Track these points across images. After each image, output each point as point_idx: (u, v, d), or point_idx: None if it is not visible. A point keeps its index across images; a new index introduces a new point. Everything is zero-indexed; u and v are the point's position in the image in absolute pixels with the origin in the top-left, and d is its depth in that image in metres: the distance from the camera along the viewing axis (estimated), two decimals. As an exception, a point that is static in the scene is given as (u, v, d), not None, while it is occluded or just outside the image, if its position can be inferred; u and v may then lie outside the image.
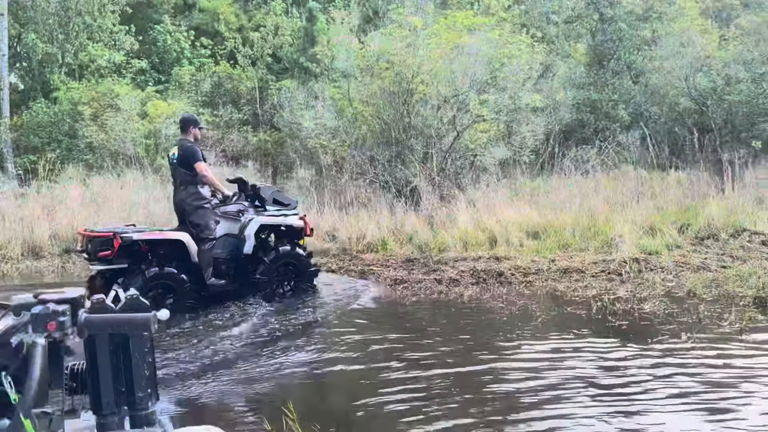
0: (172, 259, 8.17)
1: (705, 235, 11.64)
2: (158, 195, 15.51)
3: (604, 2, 21.75)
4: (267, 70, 22.26)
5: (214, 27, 23.96)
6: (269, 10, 23.61)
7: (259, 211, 8.89)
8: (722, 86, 20.08)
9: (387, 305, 8.81)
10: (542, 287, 9.32)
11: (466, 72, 15.89)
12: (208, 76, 21.48)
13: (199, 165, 8.26)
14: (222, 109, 20.44)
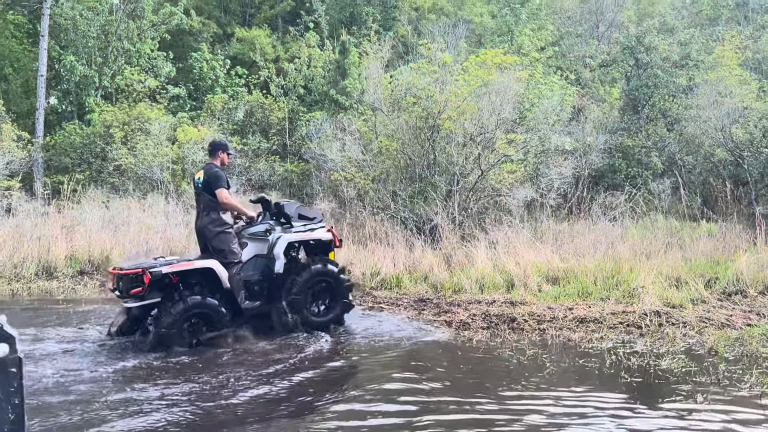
0: (203, 287, 8.15)
1: (733, 291, 11.14)
2: (178, 221, 15.49)
3: (640, 48, 21.45)
4: (299, 101, 22.33)
5: (251, 57, 24.17)
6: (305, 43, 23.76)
7: (285, 228, 8.79)
8: (759, 138, 19.59)
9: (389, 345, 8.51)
10: (556, 336, 8.93)
11: (493, 110, 15.67)
12: (241, 105, 21.58)
13: (221, 192, 8.23)
14: (251, 138, 20.46)
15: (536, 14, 27.20)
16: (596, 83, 24.75)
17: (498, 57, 17.17)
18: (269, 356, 7.87)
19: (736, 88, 22.00)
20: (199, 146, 18.69)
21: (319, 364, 7.64)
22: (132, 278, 7.85)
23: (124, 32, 22.71)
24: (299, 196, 18.95)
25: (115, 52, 22.70)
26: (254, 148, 19.91)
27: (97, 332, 9.00)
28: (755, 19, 33.10)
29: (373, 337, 8.91)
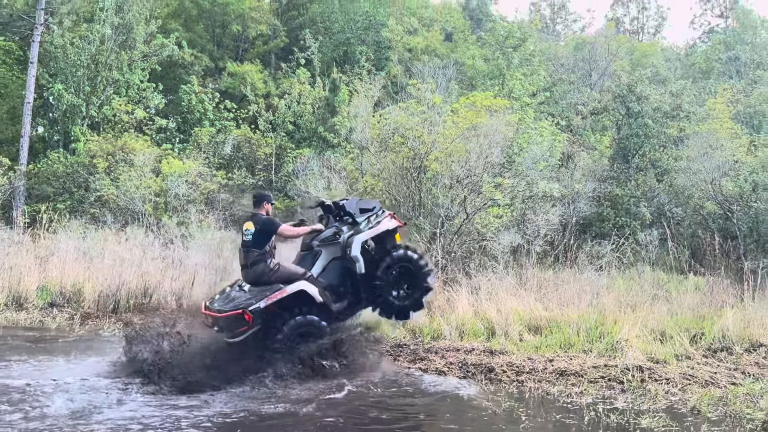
0: (299, 306, 8.51)
1: (718, 347, 10.81)
2: (155, 254, 15.14)
3: (632, 97, 21.43)
4: (287, 138, 22.15)
5: (241, 91, 24.05)
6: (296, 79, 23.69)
7: (351, 226, 9.02)
8: (749, 192, 19.44)
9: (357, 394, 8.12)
10: (534, 389, 8.58)
11: (481, 153, 15.48)
12: (229, 139, 21.38)
13: (282, 229, 8.67)
14: (237, 173, 20.21)
15: (529, 60, 27.25)
16: (587, 131, 24.68)
17: (488, 100, 17.08)
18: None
19: (727, 141, 21.94)
20: (183, 179, 18.43)
21: (286, 409, 7.28)
22: (235, 319, 8.22)
23: (115, 62, 22.58)
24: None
25: (104, 81, 22.54)
26: (239, 183, 19.64)
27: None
28: (747, 73, 33.35)
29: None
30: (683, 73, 30.94)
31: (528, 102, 21.23)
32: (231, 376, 8.27)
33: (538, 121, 20.97)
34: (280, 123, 22.14)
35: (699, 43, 42.43)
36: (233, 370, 8.32)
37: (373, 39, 27.56)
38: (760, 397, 8.12)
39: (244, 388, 8.12)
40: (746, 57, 34.34)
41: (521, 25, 28.67)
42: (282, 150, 21.13)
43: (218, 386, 8.04)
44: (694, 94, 26.39)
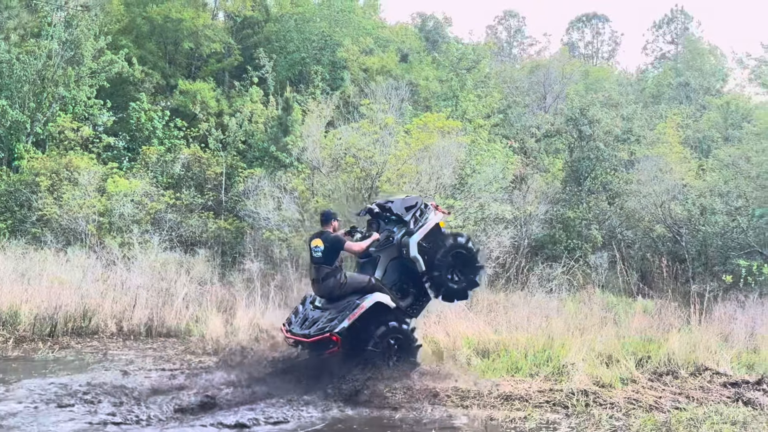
0: (378, 317, 9.11)
1: (664, 371, 10.74)
2: (96, 275, 14.70)
3: (584, 120, 21.65)
4: (239, 157, 21.83)
5: (192, 109, 23.68)
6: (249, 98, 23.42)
7: (401, 225, 9.59)
8: (697, 216, 19.73)
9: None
10: (478, 414, 8.38)
11: (433, 174, 15.40)
12: (178, 158, 21.00)
13: (348, 245, 9.25)
14: (185, 192, 19.82)
15: (484, 82, 27.42)
16: (541, 153, 24.87)
17: (440, 121, 17.05)
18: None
19: (676, 165, 22.32)
20: (129, 198, 18.01)
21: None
22: (324, 343, 8.80)
23: (61, 78, 22.04)
24: (231, 255, 18.30)
25: (50, 98, 21.97)
26: (187, 203, 19.25)
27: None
28: (696, 99, 34.08)
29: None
30: (635, 97, 31.47)
31: (481, 124, 21.29)
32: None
33: (491, 143, 21.04)
34: (231, 142, 21.83)
35: (651, 68, 43.29)
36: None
37: (328, 59, 27.48)
38: (702, 422, 8.03)
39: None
40: (696, 83, 35.11)
41: (476, 48, 28.86)
42: (233, 169, 20.82)
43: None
44: (645, 119, 26.83)
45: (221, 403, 8.28)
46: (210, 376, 9.48)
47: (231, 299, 14.14)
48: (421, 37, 32.61)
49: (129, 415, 7.69)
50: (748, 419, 8.39)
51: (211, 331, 11.96)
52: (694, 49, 38.02)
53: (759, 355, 12.05)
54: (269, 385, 8.98)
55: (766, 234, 19.08)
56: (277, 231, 16.18)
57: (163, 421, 7.61)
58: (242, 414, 7.96)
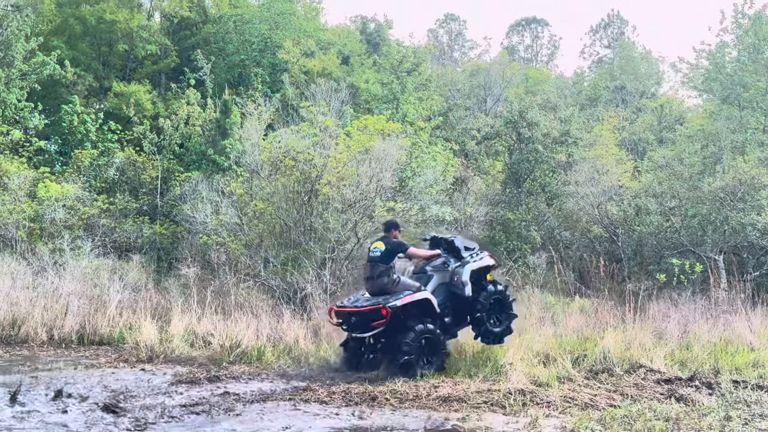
0: (421, 317, 9.98)
1: (600, 369, 10.91)
2: (26, 282, 14.21)
3: (523, 122, 21.90)
4: (175, 161, 21.40)
5: (126, 112, 23.12)
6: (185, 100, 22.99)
7: (457, 258, 10.58)
8: (633, 216, 20.13)
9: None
10: (417, 416, 8.32)
11: (373, 176, 15.34)
12: (112, 162, 20.48)
13: (411, 250, 10.44)
14: (119, 197, 19.34)
15: (425, 85, 27.52)
16: (481, 156, 25.07)
17: (380, 123, 17.00)
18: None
19: (612, 167, 22.74)
20: (60, 203, 17.49)
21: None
22: (372, 313, 9.66)
23: (-11, 80, 21.30)
24: (167, 260, 17.92)
25: (-23, 101, 21.22)
26: (121, 208, 18.79)
27: None
28: (632, 102, 34.86)
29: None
30: (572, 100, 32.03)
31: (422, 126, 21.34)
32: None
33: (432, 146, 21.11)
34: (167, 145, 21.40)
35: (588, 72, 44.16)
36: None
37: (268, 61, 27.21)
38: (636, 419, 8.12)
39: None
40: (631, 86, 35.93)
41: (417, 50, 28.95)
42: (169, 173, 20.40)
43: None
44: (583, 121, 27.31)
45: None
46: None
47: (166, 305, 13.83)
48: (362, 40, 32.56)
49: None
50: (681, 415, 8.52)
51: (145, 338, 11.65)
52: (627, 54, 38.92)
53: (691, 352, 12.31)
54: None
55: (698, 233, 19.58)
56: (215, 236, 15.89)
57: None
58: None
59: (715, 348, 12.69)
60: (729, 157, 20.83)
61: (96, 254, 16.38)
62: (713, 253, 18.76)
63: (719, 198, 19.20)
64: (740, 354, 12.44)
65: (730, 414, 8.62)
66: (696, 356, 12.07)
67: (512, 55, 48.89)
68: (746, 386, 10.36)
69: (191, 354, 11.50)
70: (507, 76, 34.43)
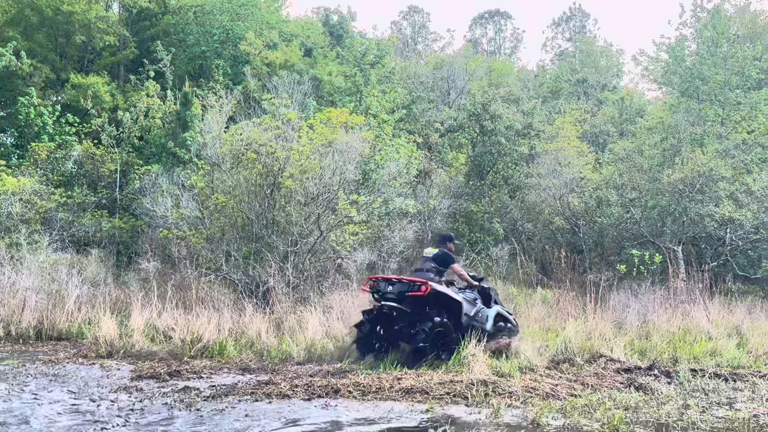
0: (444, 312, 10.69)
1: (561, 359, 11.04)
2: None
3: (485, 115, 21.96)
4: (135, 153, 21.05)
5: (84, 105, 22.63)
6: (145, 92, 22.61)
7: (485, 303, 11.53)
8: (594, 208, 20.33)
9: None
10: (379, 408, 8.30)
11: (336, 169, 15.26)
12: (69, 155, 20.07)
13: (456, 266, 11.23)
14: (77, 190, 18.97)
15: (388, 77, 27.45)
16: (444, 148, 25.10)
17: (344, 116, 16.91)
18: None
19: (574, 159, 22.93)
20: (17, 197, 17.11)
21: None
22: (411, 285, 10.48)
23: (-55, 73, 20.72)
24: (127, 254, 17.65)
25: (-67, 94, 20.61)
26: (79, 202, 18.43)
27: None
28: (594, 95, 35.19)
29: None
30: (535, 93, 32.23)
31: (385, 119, 21.28)
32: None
33: (395, 138, 21.08)
34: (126, 138, 21.02)
35: (550, 65, 44.46)
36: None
37: (230, 53, 26.88)
38: (596, 408, 8.20)
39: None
40: (593, 79, 36.26)
41: (380, 43, 28.84)
42: (128, 166, 20.08)
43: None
44: (545, 114, 27.49)
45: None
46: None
47: (126, 300, 13.63)
48: (325, 32, 32.32)
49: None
50: (640, 404, 8.65)
51: (104, 333, 11.46)
52: (588, 48, 39.26)
53: (650, 342, 12.52)
54: None
55: (658, 225, 19.87)
56: (176, 229, 15.66)
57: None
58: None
59: (674, 337, 12.92)
60: (688, 150, 21.12)
61: (54, 248, 16.07)
62: (672, 243, 19.05)
63: (678, 190, 19.48)
64: (698, 343, 12.67)
65: (688, 402, 8.77)
66: (655, 345, 12.27)
67: (476, 47, 49.05)
68: (704, 375, 10.57)
69: (152, 349, 11.32)
70: (470, 68, 34.44)
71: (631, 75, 69.15)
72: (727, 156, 20.32)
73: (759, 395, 9.33)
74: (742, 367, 11.45)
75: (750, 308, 16.09)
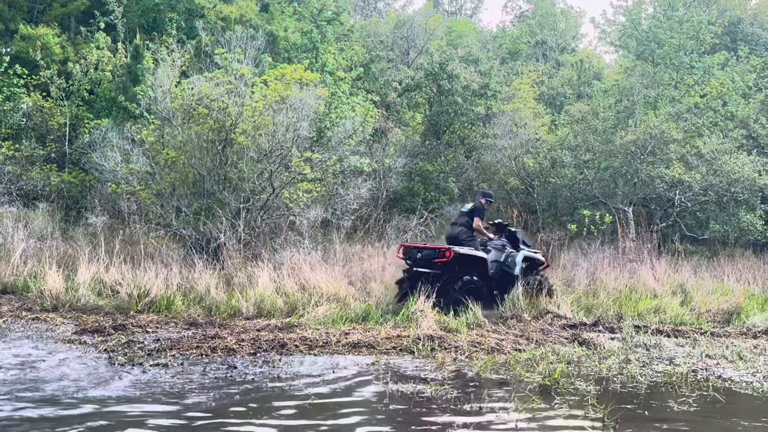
0: (472, 270, 11.53)
1: (509, 315, 11.22)
2: None
3: (443, 75, 21.85)
4: (85, 107, 20.51)
5: (34, 57, 21.92)
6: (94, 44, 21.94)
7: (513, 246, 12.40)
8: (548, 169, 20.48)
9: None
10: (324, 362, 8.35)
11: (290, 126, 15.06)
12: (17, 107, 19.49)
13: (477, 221, 12.07)
14: (26, 144, 18.48)
15: (347, 35, 27.08)
16: (402, 108, 24.98)
17: (298, 72, 16.65)
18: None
19: (530, 120, 23.02)
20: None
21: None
22: (440, 251, 11.46)
23: None
24: (76, 209, 17.31)
25: None
26: (27, 155, 17.97)
27: None
28: (552, 57, 35.25)
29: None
30: (494, 54, 32.13)
31: (342, 77, 21.02)
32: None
33: (352, 96, 20.87)
34: (76, 91, 20.45)
35: (510, 26, 44.34)
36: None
37: (184, 6, 26.17)
38: (539, 361, 8.35)
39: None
40: (552, 41, 36.29)
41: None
42: (78, 120, 19.56)
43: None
44: (503, 75, 27.47)
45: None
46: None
47: (73, 254, 13.37)
48: (283, -13, 31.66)
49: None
50: (582, 358, 8.84)
51: (50, 286, 11.26)
52: (547, 10, 39.17)
53: (597, 299, 12.76)
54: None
55: (610, 186, 20.11)
56: (125, 185, 15.36)
57: None
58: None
59: (620, 295, 13.17)
60: (641, 112, 21.32)
61: (0, 202, 15.67)
62: (623, 204, 19.32)
63: (630, 152, 19.69)
64: (643, 300, 12.95)
65: (629, 357, 8.98)
66: (601, 303, 12.51)
67: (437, 7, 48.50)
68: (647, 331, 10.82)
69: (98, 303, 11.16)
70: (430, 28, 34.13)
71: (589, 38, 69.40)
72: (679, 119, 20.55)
73: (699, 351, 9.59)
74: (684, 324, 11.74)
75: (695, 268, 16.46)
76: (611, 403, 6.58)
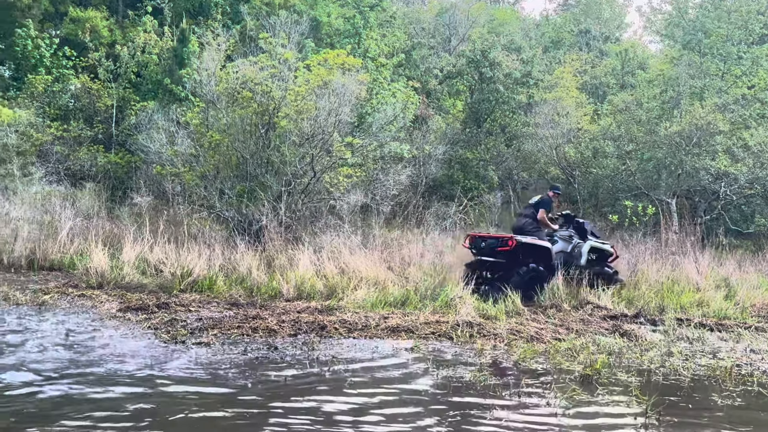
0: (535, 259, 11.73)
1: (548, 305, 11.16)
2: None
3: (485, 62, 21.72)
4: (132, 89, 20.85)
5: (82, 38, 22.32)
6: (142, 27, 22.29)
7: (580, 237, 12.56)
8: (590, 159, 20.27)
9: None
10: (363, 345, 8.42)
11: (332, 111, 15.14)
12: (66, 88, 19.88)
13: (542, 213, 12.33)
14: (74, 125, 18.85)
15: (389, 21, 27.06)
16: (443, 95, 24.89)
17: (340, 57, 16.71)
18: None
19: (572, 110, 22.77)
20: (12, 129, 17.00)
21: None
22: (503, 240, 11.68)
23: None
24: (122, 189, 17.64)
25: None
26: (75, 136, 18.34)
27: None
28: (596, 46, 34.78)
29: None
30: (536, 42, 31.82)
31: (383, 63, 21.02)
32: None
33: (393, 83, 20.88)
34: (123, 73, 20.80)
35: (553, 14, 43.82)
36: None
37: (229, -9, 26.43)
38: (580, 351, 8.31)
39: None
40: (596, 30, 35.79)
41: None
42: (124, 102, 19.90)
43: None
44: (545, 63, 27.20)
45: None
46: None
47: (119, 234, 13.67)
48: (326, -28, 31.71)
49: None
50: (624, 349, 8.75)
51: (95, 264, 11.53)
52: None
53: (639, 291, 12.59)
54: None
55: (653, 177, 19.83)
56: (170, 166, 15.61)
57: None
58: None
59: (662, 288, 12.98)
60: (687, 103, 20.96)
61: (48, 181, 16.05)
62: (666, 196, 19.05)
63: (675, 143, 19.39)
64: (686, 293, 12.75)
65: (671, 350, 8.87)
66: (643, 295, 12.34)
67: (479, -6, 48.20)
68: (689, 324, 10.66)
69: (142, 282, 11.40)
70: (472, 15, 33.93)
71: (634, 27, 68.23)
72: (725, 110, 20.16)
73: (743, 346, 9.44)
74: (728, 318, 11.54)
75: (740, 262, 16.16)
76: (654, 395, 6.54)
